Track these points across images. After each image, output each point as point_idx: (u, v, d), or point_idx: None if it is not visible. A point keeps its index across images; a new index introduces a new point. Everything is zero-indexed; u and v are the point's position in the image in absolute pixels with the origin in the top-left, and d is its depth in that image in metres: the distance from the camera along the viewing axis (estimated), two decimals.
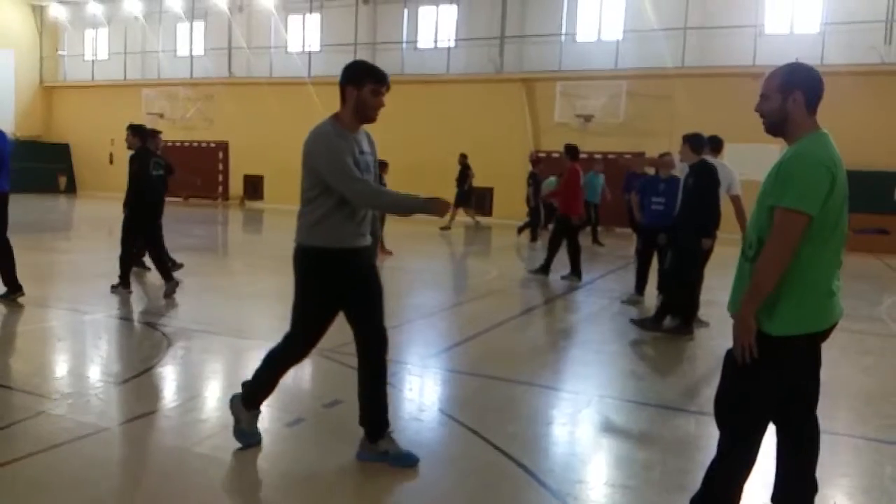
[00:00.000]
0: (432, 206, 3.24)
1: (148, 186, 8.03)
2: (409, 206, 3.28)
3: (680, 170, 7.29)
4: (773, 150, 19.01)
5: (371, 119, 3.42)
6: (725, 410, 2.80)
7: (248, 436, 3.71)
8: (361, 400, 3.58)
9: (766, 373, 2.66)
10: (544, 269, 10.25)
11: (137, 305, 7.48)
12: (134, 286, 7.98)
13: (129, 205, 7.98)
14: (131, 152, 8.23)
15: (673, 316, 7.25)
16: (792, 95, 2.67)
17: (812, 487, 2.85)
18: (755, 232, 2.70)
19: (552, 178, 17.02)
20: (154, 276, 8.92)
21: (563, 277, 10.09)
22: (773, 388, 2.69)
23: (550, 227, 12.59)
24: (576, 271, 10.09)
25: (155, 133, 9.43)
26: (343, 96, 3.40)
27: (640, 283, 8.55)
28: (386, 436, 3.56)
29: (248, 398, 3.69)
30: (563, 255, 10.19)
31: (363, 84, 3.35)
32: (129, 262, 7.90)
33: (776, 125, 2.75)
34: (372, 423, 3.55)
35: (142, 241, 8.27)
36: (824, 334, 2.73)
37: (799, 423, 2.83)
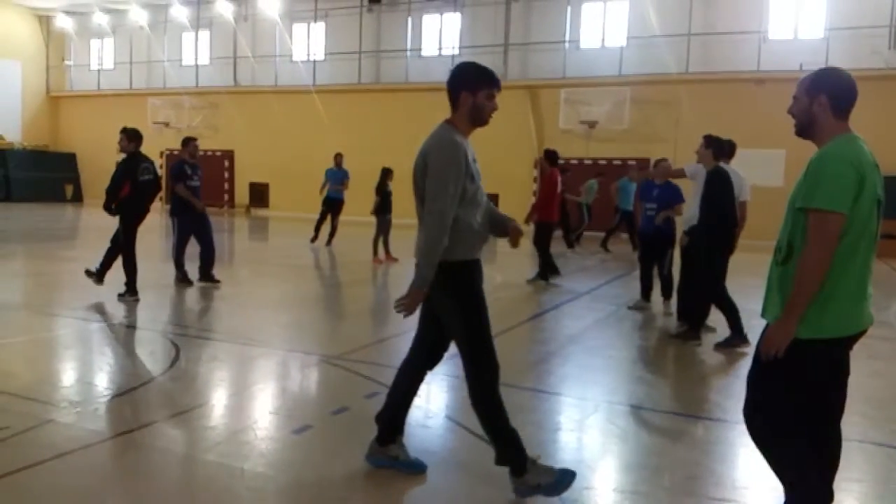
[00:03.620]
0: (410, 291, 3.15)
1: (137, 191, 7.86)
2: (424, 269, 3.14)
3: (691, 174, 7.24)
4: (777, 156, 18.82)
5: (485, 123, 3.32)
6: (760, 422, 2.75)
7: (556, 484, 3.25)
8: (394, 398, 3.55)
9: (790, 375, 2.65)
10: (542, 275, 10.38)
11: (145, 313, 7.49)
12: (141, 293, 7.97)
13: (120, 210, 7.88)
14: (122, 155, 8.09)
15: (682, 322, 7.23)
16: (817, 99, 2.68)
17: (828, 497, 2.82)
18: (784, 236, 2.70)
19: (592, 181, 17.16)
20: (165, 285, 8.94)
21: (553, 283, 10.26)
22: (800, 391, 2.68)
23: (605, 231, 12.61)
24: (544, 274, 10.34)
25: (190, 140, 9.46)
26: (456, 102, 3.29)
27: (645, 289, 8.54)
28: (397, 441, 3.56)
29: (517, 462, 3.28)
30: (566, 262, 10.20)
31: (479, 89, 3.25)
32: (135, 269, 7.90)
33: (804, 127, 2.77)
34: (392, 425, 3.55)
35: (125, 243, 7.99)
36: (852, 340, 2.71)
37: (822, 430, 2.80)
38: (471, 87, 3.26)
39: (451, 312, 3.29)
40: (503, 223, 3.48)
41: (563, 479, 3.28)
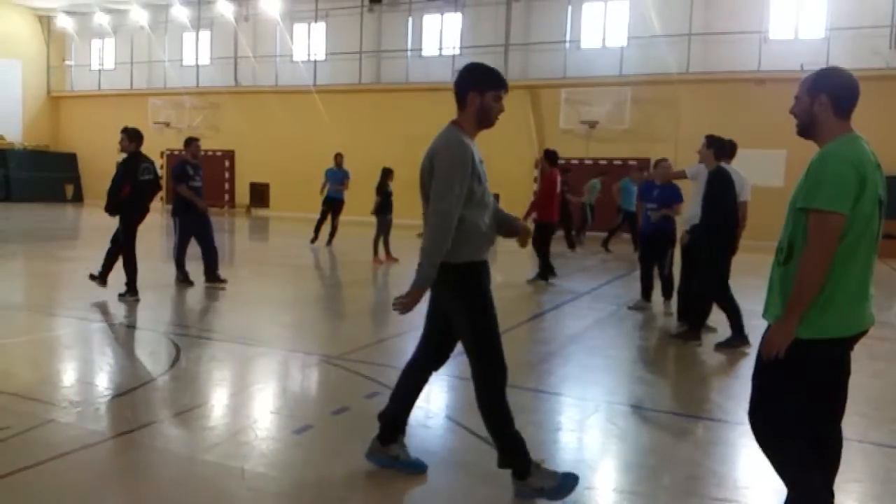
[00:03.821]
0: (411, 290, 3.14)
1: (137, 191, 7.85)
2: (426, 269, 3.14)
3: (692, 175, 7.23)
4: (778, 156, 18.81)
5: (491, 124, 3.32)
6: (761, 422, 2.75)
7: (559, 488, 3.25)
8: (397, 398, 3.55)
9: (791, 376, 2.64)
10: (542, 275, 10.42)
11: (145, 313, 7.49)
12: (141, 293, 7.97)
13: (119, 210, 7.88)
14: (123, 155, 8.07)
15: (682, 322, 7.23)
16: (818, 99, 2.68)
17: (829, 498, 2.81)
18: (785, 236, 2.70)
19: (595, 181, 17.20)
20: (166, 285, 8.95)
21: (552, 283, 10.28)
22: (801, 391, 2.68)
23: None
24: (544, 275, 10.39)
25: (193, 140, 9.46)
26: (463, 102, 3.28)
27: (645, 289, 8.55)
28: (398, 441, 3.57)
29: (520, 465, 3.27)
30: (566, 262, 10.20)
31: (487, 90, 3.24)
32: (135, 269, 7.90)
33: (805, 127, 2.77)
34: (394, 424, 3.55)
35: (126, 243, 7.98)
36: (853, 340, 2.71)
37: (823, 431, 2.80)
38: (479, 87, 3.26)
39: (459, 314, 3.29)
40: (510, 223, 3.49)
41: (566, 483, 3.27)
